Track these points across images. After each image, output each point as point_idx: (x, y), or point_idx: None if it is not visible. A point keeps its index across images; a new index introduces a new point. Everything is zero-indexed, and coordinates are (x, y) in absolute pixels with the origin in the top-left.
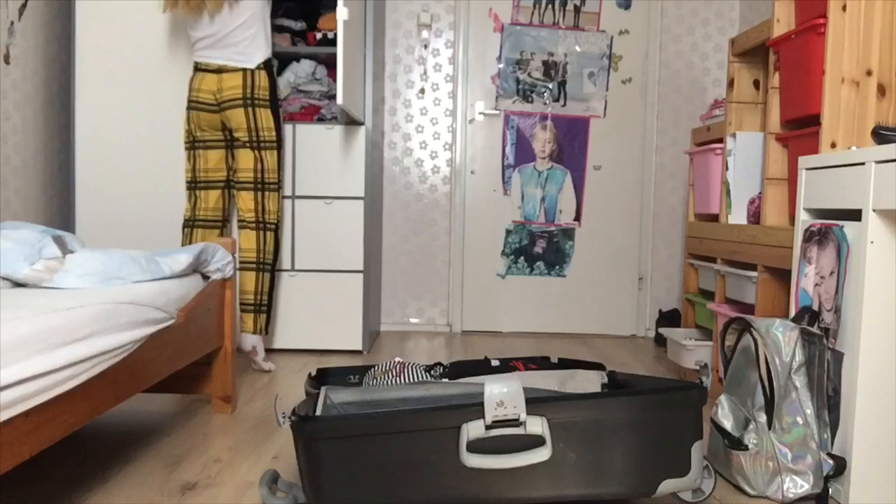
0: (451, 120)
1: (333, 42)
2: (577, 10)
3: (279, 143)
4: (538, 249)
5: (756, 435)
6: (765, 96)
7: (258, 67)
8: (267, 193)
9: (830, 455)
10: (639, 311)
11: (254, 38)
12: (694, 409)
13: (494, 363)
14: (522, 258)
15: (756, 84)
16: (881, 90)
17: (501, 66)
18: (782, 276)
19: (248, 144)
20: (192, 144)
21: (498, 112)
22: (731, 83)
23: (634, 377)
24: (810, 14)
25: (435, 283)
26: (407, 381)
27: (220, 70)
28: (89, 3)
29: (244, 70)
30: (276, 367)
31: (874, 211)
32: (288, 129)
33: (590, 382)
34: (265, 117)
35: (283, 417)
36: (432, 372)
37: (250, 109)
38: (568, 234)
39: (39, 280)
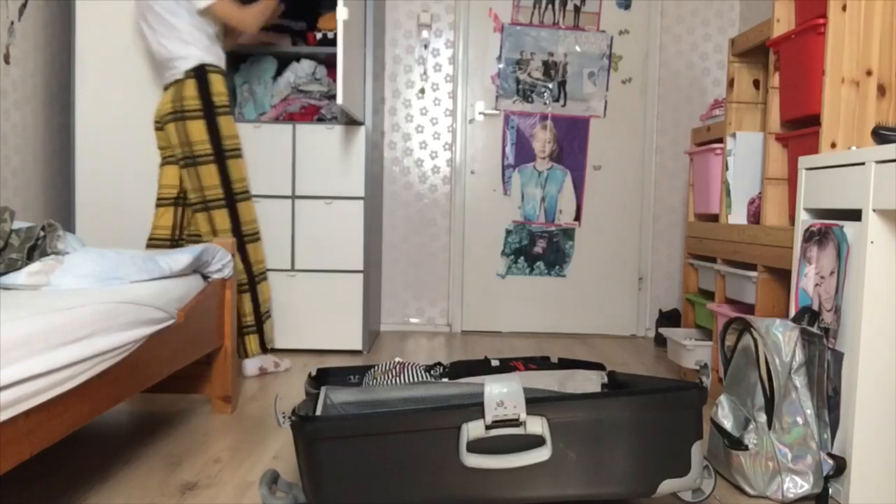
0: (451, 120)
1: (333, 42)
2: (577, 10)
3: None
4: (538, 249)
5: (756, 435)
6: (765, 96)
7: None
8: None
9: (830, 455)
10: (639, 311)
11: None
12: (694, 409)
13: (494, 363)
14: (522, 258)
15: (756, 84)
16: (881, 90)
17: (501, 66)
18: (782, 276)
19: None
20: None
21: (498, 112)
22: (731, 83)
23: (634, 377)
24: (810, 14)
25: (435, 283)
26: (407, 381)
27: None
28: (89, 3)
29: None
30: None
31: (874, 211)
32: (288, 128)
33: (590, 382)
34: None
35: (283, 417)
36: (432, 372)
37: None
38: (568, 234)
39: (37, 284)
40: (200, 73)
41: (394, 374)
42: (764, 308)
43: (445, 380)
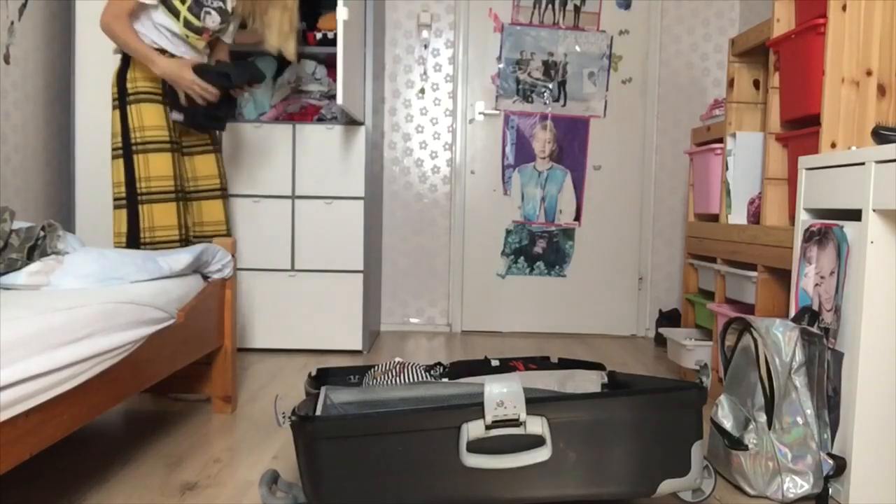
0: (451, 120)
1: (333, 42)
2: (577, 10)
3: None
4: (538, 249)
5: (756, 435)
6: (765, 96)
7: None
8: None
9: (830, 455)
10: (639, 311)
11: None
12: (694, 409)
13: (494, 363)
14: (522, 258)
15: (756, 84)
16: (881, 90)
17: (501, 66)
18: (782, 276)
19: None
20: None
21: (498, 112)
22: (731, 83)
23: (634, 377)
24: (810, 14)
25: (435, 283)
26: (407, 381)
27: None
28: (89, 3)
29: None
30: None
31: (874, 211)
32: (288, 128)
33: (590, 382)
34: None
35: (283, 417)
36: (432, 372)
37: None
38: (568, 234)
39: (37, 284)
40: (125, 57)
41: (394, 374)
42: (764, 308)
43: (445, 380)
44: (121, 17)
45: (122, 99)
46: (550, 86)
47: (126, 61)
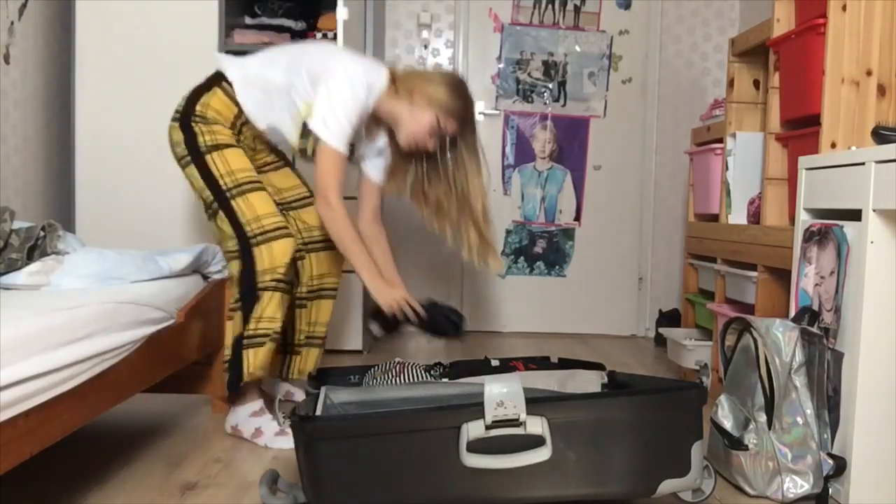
0: None
1: (333, 42)
2: (577, 10)
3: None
4: (538, 249)
5: (756, 435)
6: (765, 96)
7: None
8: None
9: (830, 455)
10: (639, 311)
11: None
12: (694, 409)
13: (494, 363)
14: (522, 258)
15: (756, 84)
16: (881, 90)
17: (501, 66)
18: (782, 276)
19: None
20: None
21: (498, 112)
22: (731, 83)
23: (634, 377)
24: (810, 14)
25: (435, 283)
26: (407, 381)
27: None
28: (89, 3)
29: None
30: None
31: (874, 211)
32: None
33: (590, 382)
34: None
35: (284, 417)
36: (432, 372)
37: None
38: (568, 234)
39: (37, 284)
40: (210, 81)
41: (394, 374)
42: (764, 308)
43: (445, 380)
44: (334, 171)
45: (187, 117)
46: (550, 86)
47: (209, 87)
